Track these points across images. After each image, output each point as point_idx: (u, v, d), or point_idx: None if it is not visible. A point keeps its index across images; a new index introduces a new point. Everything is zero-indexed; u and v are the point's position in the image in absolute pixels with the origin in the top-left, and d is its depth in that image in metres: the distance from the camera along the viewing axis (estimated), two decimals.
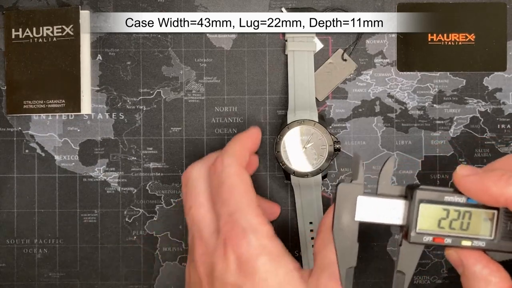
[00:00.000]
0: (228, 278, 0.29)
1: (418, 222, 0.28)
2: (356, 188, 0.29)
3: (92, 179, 0.39)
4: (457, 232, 0.28)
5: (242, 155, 0.33)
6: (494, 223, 0.28)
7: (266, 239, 0.30)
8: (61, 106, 0.39)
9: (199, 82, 0.39)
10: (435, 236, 0.28)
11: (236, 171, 0.31)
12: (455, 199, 0.28)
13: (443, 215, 0.28)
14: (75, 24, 0.38)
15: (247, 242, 0.29)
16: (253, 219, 0.30)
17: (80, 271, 0.39)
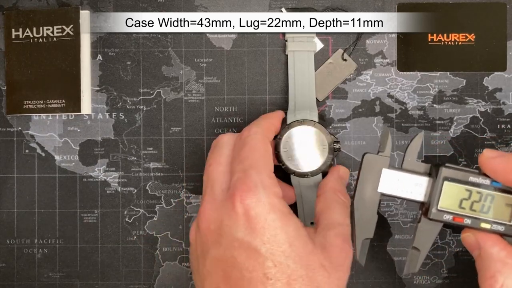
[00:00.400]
0: (237, 234, 0.28)
1: (440, 199, 0.28)
2: (382, 160, 0.29)
3: (92, 179, 0.39)
4: (477, 214, 0.28)
5: (268, 128, 0.33)
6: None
7: (275, 198, 0.29)
8: (61, 106, 0.39)
9: (199, 82, 0.39)
10: (455, 215, 0.28)
11: (261, 139, 0.32)
12: (479, 181, 0.28)
13: (465, 195, 0.28)
14: (75, 24, 0.38)
15: (257, 197, 0.28)
16: (266, 179, 0.30)
17: (80, 271, 0.39)
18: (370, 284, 0.39)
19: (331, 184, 0.33)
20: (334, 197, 0.32)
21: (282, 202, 0.30)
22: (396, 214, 0.39)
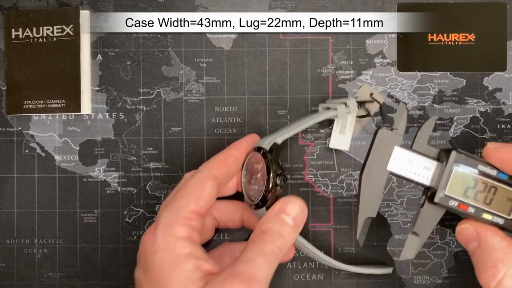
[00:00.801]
0: (138, 265, 0.31)
1: (448, 184, 0.28)
2: (396, 138, 0.28)
3: (92, 179, 0.39)
4: (480, 204, 0.28)
5: (216, 165, 0.34)
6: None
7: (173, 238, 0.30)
8: (61, 106, 0.39)
9: (199, 82, 0.39)
10: (460, 202, 0.28)
11: (198, 179, 0.32)
12: (487, 170, 0.28)
13: (471, 184, 0.28)
14: (75, 24, 0.38)
15: (154, 236, 0.30)
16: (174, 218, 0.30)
17: (80, 271, 0.39)
18: (370, 284, 0.39)
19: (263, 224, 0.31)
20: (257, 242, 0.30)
21: (184, 243, 0.30)
22: (396, 214, 0.39)
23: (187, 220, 0.31)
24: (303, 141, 0.39)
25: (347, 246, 0.39)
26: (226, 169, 0.34)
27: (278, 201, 0.31)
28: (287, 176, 0.32)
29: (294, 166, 0.39)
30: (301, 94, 0.39)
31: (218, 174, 0.33)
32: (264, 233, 0.30)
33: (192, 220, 0.31)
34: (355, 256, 0.39)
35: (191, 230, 0.31)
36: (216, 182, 0.33)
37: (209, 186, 0.32)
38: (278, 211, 0.31)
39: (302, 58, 0.39)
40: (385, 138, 0.28)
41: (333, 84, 0.39)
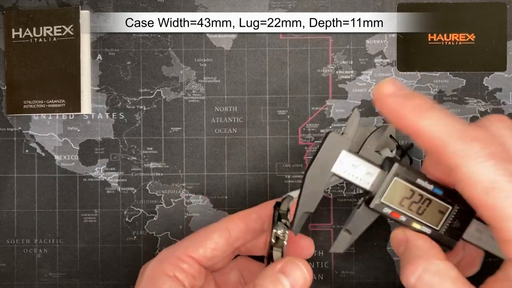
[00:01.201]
0: None
1: (385, 193, 0.29)
2: (344, 142, 0.29)
3: (92, 179, 0.39)
4: (412, 214, 0.30)
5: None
6: (445, 216, 0.30)
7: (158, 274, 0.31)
8: (61, 106, 0.39)
9: (199, 82, 0.39)
10: (394, 210, 0.30)
11: None
12: (424, 184, 0.29)
13: (408, 195, 0.30)
14: (75, 24, 0.38)
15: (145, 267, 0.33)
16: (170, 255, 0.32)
17: (80, 271, 0.39)
18: (370, 284, 0.39)
19: (257, 279, 0.29)
20: None
21: (165, 279, 0.30)
22: None
23: (179, 260, 0.31)
24: (303, 141, 0.39)
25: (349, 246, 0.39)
26: (244, 225, 0.33)
27: (282, 259, 0.30)
28: (287, 224, 0.31)
29: (294, 166, 0.39)
30: (301, 94, 0.39)
31: (233, 228, 0.33)
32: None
33: (184, 262, 0.31)
34: (355, 256, 0.39)
35: (179, 271, 0.31)
36: (227, 235, 0.32)
37: (216, 237, 0.32)
38: (278, 270, 0.29)
39: (302, 58, 0.39)
40: (334, 142, 0.29)
41: (333, 84, 0.39)
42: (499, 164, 0.25)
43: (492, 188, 0.25)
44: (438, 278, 0.26)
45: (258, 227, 0.34)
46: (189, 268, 0.31)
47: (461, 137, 0.25)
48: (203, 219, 0.39)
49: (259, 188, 0.39)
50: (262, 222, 0.34)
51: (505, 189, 0.24)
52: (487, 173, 0.25)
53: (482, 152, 0.25)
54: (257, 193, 0.39)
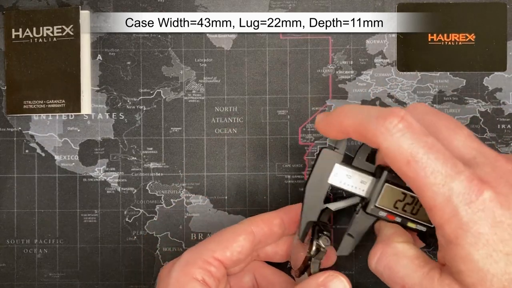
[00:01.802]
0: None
1: (379, 198, 0.32)
2: (336, 156, 0.33)
3: (92, 179, 0.39)
4: (407, 214, 0.32)
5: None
6: None
7: (187, 278, 0.31)
8: (61, 106, 0.39)
9: (199, 82, 0.39)
10: (389, 213, 0.32)
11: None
12: None
13: (401, 197, 0.32)
14: (75, 24, 0.38)
15: (170, 270, 0.32)
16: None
17: (80, 271, 0.39)
18: (370, 284, 0.39)
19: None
20: None
21: (196, 284, 0.31)
22: None
23: (206, 264, 0.31)
24: (303, 141, 0.39)
25: None
26: (268, 229, 0.34)
27: (324, 272, 0.30)
28: (329, 236, 0.33)
29: (294, 166, 0.39)
30: (301, 94, 0.39)
31: (257, 231, 0.33)
32: None
33: (212, 266, 0.31)
34: (355, 256, 0.39)
35: (208, 274, 0.31)
36: (252, 238, 0.33)
37: (242, 240, 0.32)
38: (320, 283, 0.30)
39: (302, 58, 0.39)
40: (327, 157, 0.32)
41: (333, 84, 0.39)
42: (416, 136, 0.27)
43: (411, 160, 0.26)
44: (395, 258, 0.29)
45: (280, 232, 0.34)
46: (216, 272, 0.31)
47: (379, 116, 0.27)
48: (203, 219, 0.39)
49: (259, 188, 0.39)
50: (284, 227, 0.34)
51: (422, 159, 0.26)
52: (406, 146, 0.26)
53: (399, 126, 0.27)
54: (257, 193, 0.39)
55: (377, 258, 0.30)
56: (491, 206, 0.25)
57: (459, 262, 0.26)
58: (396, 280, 0.29)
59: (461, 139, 0.29)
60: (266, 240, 0.34)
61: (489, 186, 0.26)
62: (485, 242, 0.25)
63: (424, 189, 0.26)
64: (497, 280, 0.25)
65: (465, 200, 0.26)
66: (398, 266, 0.29)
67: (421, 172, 0.26)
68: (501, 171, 0.27)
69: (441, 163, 0.26)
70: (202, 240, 0.38)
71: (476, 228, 0.25)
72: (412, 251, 0.29)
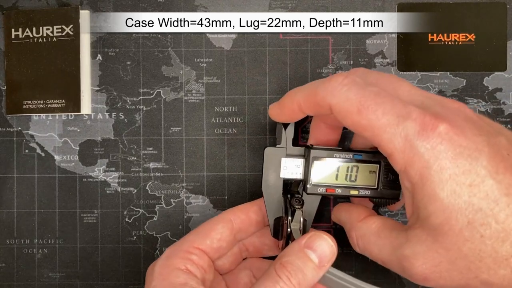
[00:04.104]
0: None
1: (312, 176, 0.33)
2: (280, 151, 0.34)
3: (92, 179, 0.39)
4: (347, 184, 0.33)
5: None
6: (377, 174, 0.33)
7: (169, 269, 0.31)
8: (61, 106, 0.39)
9: (199, 82, 0.39)
10: (328, 187, 0.33)
11: None
12: (343, 156, 0.33)
13: (334, 169, 0.33)
14: (75, 24, 0.38)
15: (153, 266, 0.32)
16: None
17: (80, 271, 0.39)
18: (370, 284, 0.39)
19: (283, 257, 0.29)
20: (273, 277, 0.28)
21: (179, 273, 0.30)
22: (396, 214, 0.39)
23: (187, 253, 0.31)
24: (303, 141, 0.39)
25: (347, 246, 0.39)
26: (246, 217, 0.34)
27: (306, 234, 0.30)
28: (300, 197, 0.33)
29: None
30: None
31: (235, 218, 0.34)
32: (283, 266, 0.28)
33: (193, 254, 0.31)
34: (356, 256, 0.39)
35: (190, 263, 0.31)
36: (230, 226, 0.33)
37: (220, 228, 0.33)
38: (304, 245, 0.29)
39: (302, 58, 0.39)
40: (272, 154, 0.34)
41: None
42: (362, 87, 0.28)
43: (361, 107, 0.27)
44: (365, 239, 0.31)
45: (259, 219, 0.34)
46: (198, 260, 0.31)
47: (324, 81, 0.29)
48: (203, 219, 0.39)
49: (259, 188, 0.39)
50: (263, 214, 0.34)
51: (372, 105, 0.27)
52: (353, 96, 0.27)
53: (344, 81, 0.28)
54: (257, 193, 0.39)
55: (356, 244, 0.31)
56: (448, 138, 0.26)
57: (427, 203, 0.26)
58: (375, 257, 0.30)
59: (405, 89, 0.29)
60: (246, 228, 0.34)
61: (443, 120, 0.26)
62: (448, 177, 0.25)
63: (380, 133, 0.27)
64: (462, 215, 0.25)
65: (422, 136, 0.26)
66: (370, 245, 0.30)
67: (372, 116, 0.27)
68: (451, 109, 0.27)
69: (390, 105, 0.27)
70: None
71: (438, 163, 0.25)
72: (374, 225, 0.30)
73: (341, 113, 0.28)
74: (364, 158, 0.33)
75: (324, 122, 0.34)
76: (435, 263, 0.26)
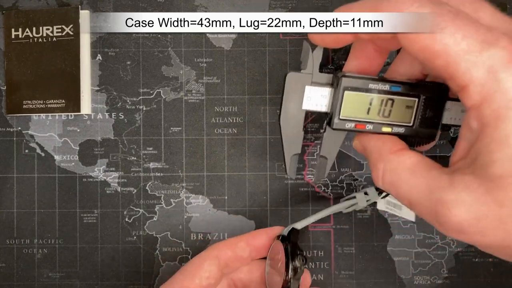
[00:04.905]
0: None
1: (342, 109, 0.29)
2: (305, 77, 0.29)
3: (92, 179, 0.39)
4: (379, 119, 0.29)
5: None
6: (414, 110, 0.29)
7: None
8: (61, 106, 0.39)
9: (199, 82, 0.39)
10: (357, 122, 0.29)
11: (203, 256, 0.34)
12: (379, 87, 0.28)
13: (367, 102, 0.29)
14: (75, 24, 0.38)
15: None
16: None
17: (80, 271, 0.39)
18: (371, 284, 0.39)
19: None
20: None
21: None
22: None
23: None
24: (303, 141, 0.39)
25: (347, 246, 0.39)
26: (232, 253, 0.34)
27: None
28: (306, 256, 0.32)
29: None
30: None
31: (221, 255, 0.33)
32: None
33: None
34: (356, 256, 0.39)
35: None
36: (217, 262, 0.33)
37: (207, 266, 0.33)
38: None
39: None
40: (294, 80, 0.29)
41: None
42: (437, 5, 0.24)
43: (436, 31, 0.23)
44: (395, 173, 0.26)
45: (245, 255, 0.34)
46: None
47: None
48: (203, 219, 0.39)
49: (259, 188, 0.39)
50: (249, 250, 0.34)
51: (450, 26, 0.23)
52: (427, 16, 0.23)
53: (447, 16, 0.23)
54: (257, 193, 0.39)
55: (380, 177, 0.27)
56: None
57: (494, 149, 0.22)
58: (402, 196, 0.26)
59: (487, 12, 0.24)
60: (233, 264, 0.34)
61: None
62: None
63: (456, 61, 0.22)
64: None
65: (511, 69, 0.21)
66: (400, 182, 0.26)
67: (449, 39, 0.22)
68: None
69: (473, 28, 0.22)
70: (201, 240, 0.38)
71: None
72: (409, 160, 0.26)
73: (408, 35, 0.24)
74: (402, 90, 0.28)
75: (374, 43, 0.29)
76: (479, 216, 0.22)
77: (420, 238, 0.39)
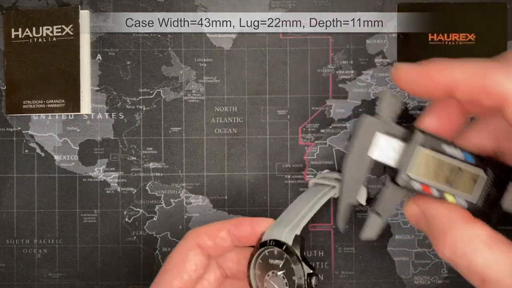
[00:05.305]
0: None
1: (412, 167, 0.27)
2: (379, 124, 0.27)
3: (92, 179, 0.39)
4: (444, 186, 0.27)
5: (208, 233, 0.33)
6: (481, 185, 0.27)
7: None
8: (60, 106, 0.39)
9: (199, 82, 0.39)
10: (424, 184, 0.27)
11: (184, 245, 0.32)
12: (452, 151, 0.27)
13: (437, 165, 0.27)
14: (75, 24, 0.38)
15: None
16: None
17: (80, 271, 0.39)
18: (371, 284, 0.39)
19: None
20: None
21: None
22: (396, 214, 0.39)
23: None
24: (303, 141, 0.39)
25: (347, 246, 0.39)
26: (212, 243, 0.32)
27: None
28: (318, 275, 0.30)
29: (294, 166, 0.39)
30: (301, 94, 0.39)
31: (202, 244, 0.32)
32: None
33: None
34: (356, 256, 0.39)
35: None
36: (200, 251, 0.32)
37: (193, 257, 0.32)
38: None
39: (302, 58, 0.39)
40: (369, 125, 0.27)
41: (333, 84, 0.39)
42: None
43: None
44: (470, 245, 0.24)
45: (226, 245, 0.33)
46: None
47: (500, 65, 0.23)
48: (203, 219, 0.39)
49: (259, 188, 0.39)
50: (231, 240, 0.33)
51: None
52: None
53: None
54: (257, 193, 0.39)
55: (451, 248, 0.25)
56: None
57: None
58: (473, 269, 0.24)
59: None
60: (215, 252, 0.33)
61: None
62: None
63: None
64: None
65: None
66: (474, 254, 0.24)
67: None
68: None
69: None
70: None
71: None
72: (484, 232, 0.25)
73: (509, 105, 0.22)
74: (474, 162, 0.27)
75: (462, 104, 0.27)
76: None
77: (420, 238, 0.39)
